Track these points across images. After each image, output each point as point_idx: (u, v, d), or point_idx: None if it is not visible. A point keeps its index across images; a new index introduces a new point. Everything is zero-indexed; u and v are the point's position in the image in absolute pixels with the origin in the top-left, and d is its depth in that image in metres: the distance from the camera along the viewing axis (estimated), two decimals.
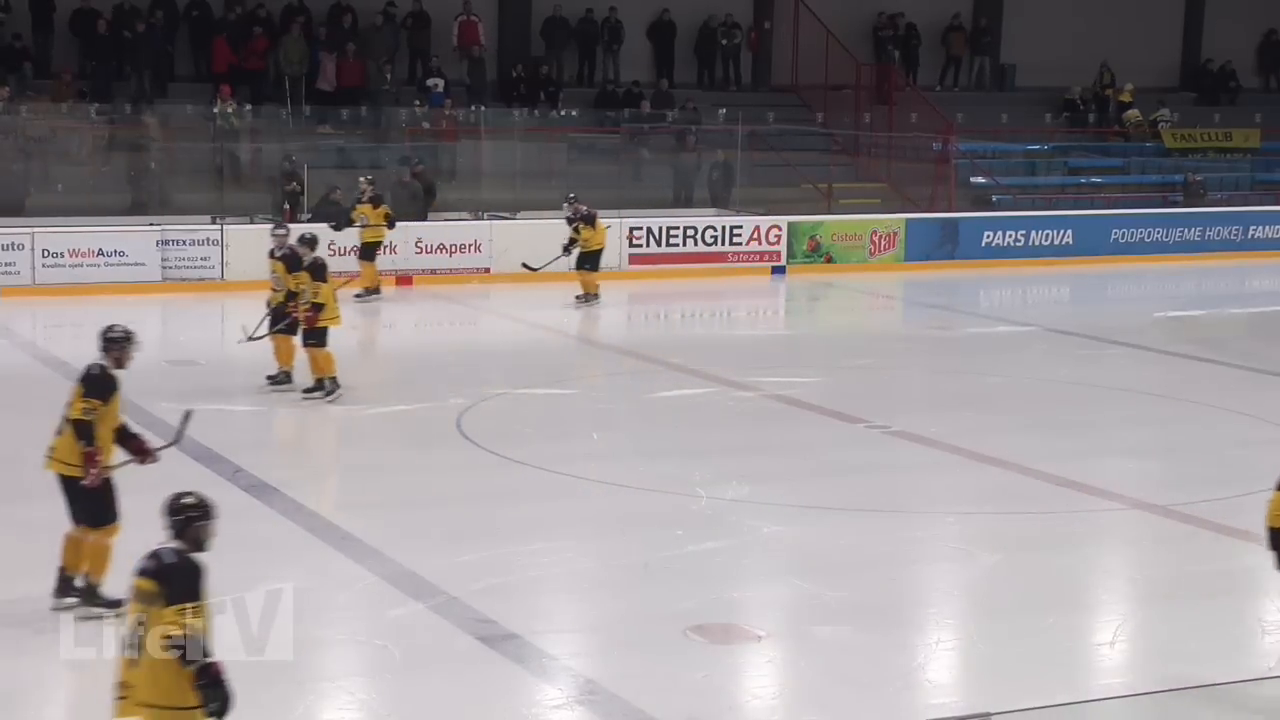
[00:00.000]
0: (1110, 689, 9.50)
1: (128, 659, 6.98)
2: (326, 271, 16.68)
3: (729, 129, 30.21)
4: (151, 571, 7.02)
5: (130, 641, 7.00)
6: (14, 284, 22.64)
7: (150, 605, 6.94)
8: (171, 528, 7.23)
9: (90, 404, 9.98)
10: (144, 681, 6.90)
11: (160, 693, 6.87)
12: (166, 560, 7.06)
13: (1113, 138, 36.02)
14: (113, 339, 10.31)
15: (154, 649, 6.86)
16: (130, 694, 6.96)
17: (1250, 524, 12.69)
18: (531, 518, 12.61)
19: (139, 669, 6.91)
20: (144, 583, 7.01)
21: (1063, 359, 20.45)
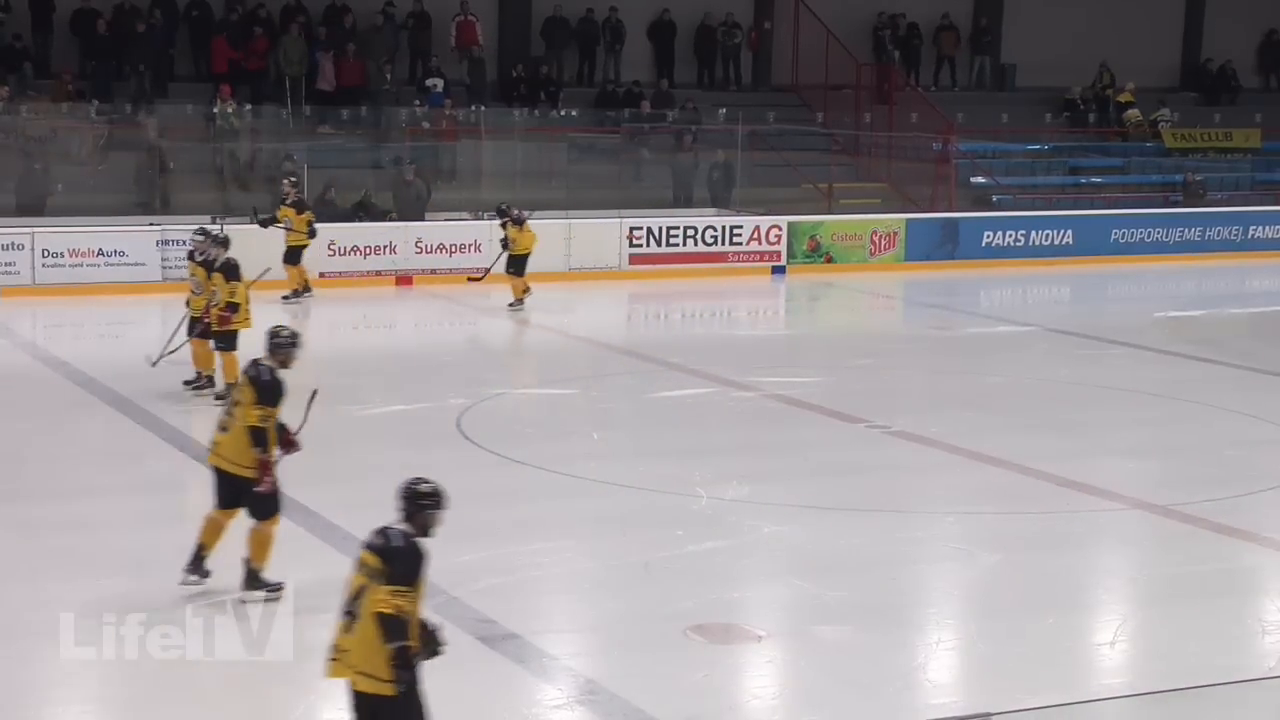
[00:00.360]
0: (1110, 689, 9.51)
1: (345, 624, 7.36)
2: (240, 271, 16.22)
3: (729, 129, 30.22)
4: (379, 548, 7.39)
5: (349, 608, 7.37)
6: (14, 284, 22.64)
7: (372, 579, 7.30)
8: (404, 510, 7.56)
9: (265, 411, 10.23)
10: (357, 647, 7.29)
11: (371, 661, 7.24)
12: (394, 542, 7.41)
13: (1113, 138, 36.02)
14: (279, 343, 10.53)
15: (369, 618, 7.24)
16: (343, 657, 7.37)
17: (1250, 524, 12.75)
18: (532, 518, 12.61)
19: (354, 636, 7.31)
20: (370, 557, 7.40)
21: (1063, 359, 20.45)
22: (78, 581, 10.66)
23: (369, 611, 7.24)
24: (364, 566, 7.41)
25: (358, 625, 7.31)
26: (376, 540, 7.44)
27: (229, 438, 10.39)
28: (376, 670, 7.24)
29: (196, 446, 14.34)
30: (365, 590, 7.33)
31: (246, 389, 10.36)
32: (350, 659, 7.33)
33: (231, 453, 10.36)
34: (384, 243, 24.84)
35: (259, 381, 10.31)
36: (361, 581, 7.38)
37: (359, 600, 7.35)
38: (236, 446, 10.33)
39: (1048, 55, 36.30)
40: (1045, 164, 34.75)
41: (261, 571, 10.43)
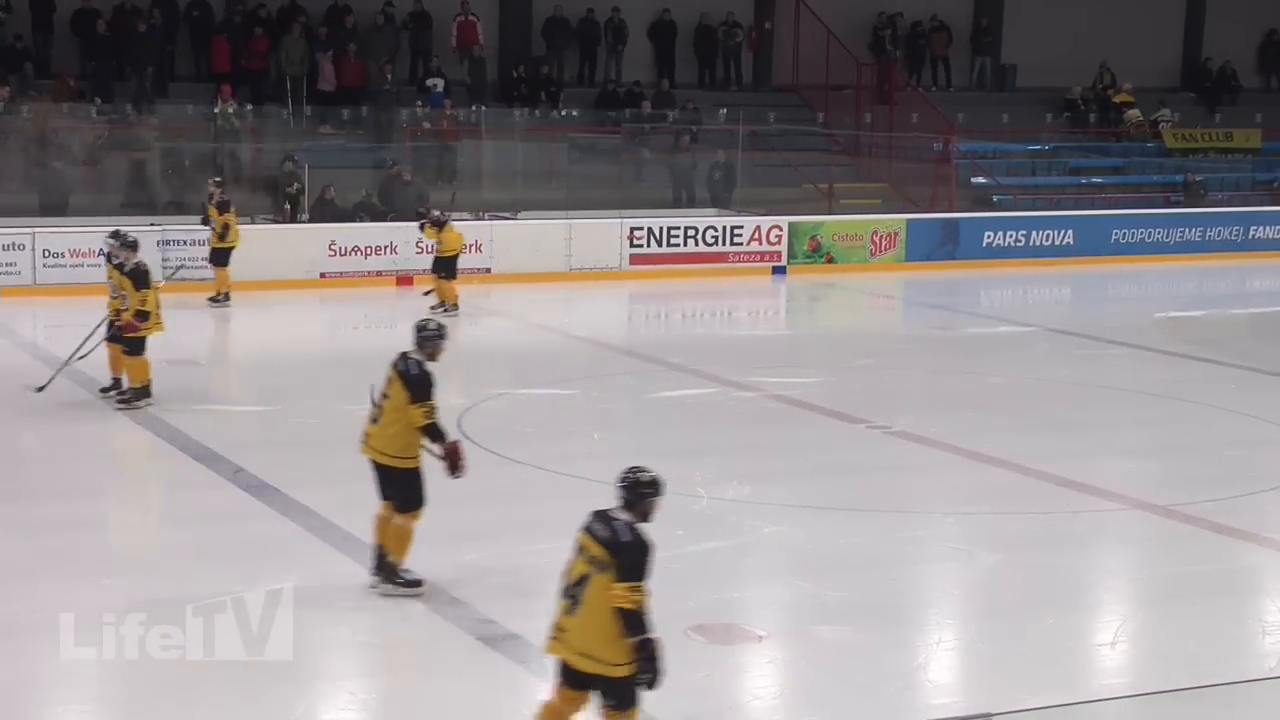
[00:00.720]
0: (1111, 689, 9.51)
1: (566, 606, 7.66)
2: (149, 278, 15.91)
3: (730, 129, 30.23)
4: (606, 540, 7.63)
5: (572, 592, 7.65)
6: (15, 284, 22.65)
7: (597, 568, 7.58)
8: (624, 499, 7.77)
9: (427, 407, 10.35)
10: (578, 630, 7.62)
11: (592, 644, 7.58)
12: (623, 536, 7.63)
13: (1113, 138, 36.02)
14: (426, 335, 10.66)
15: (594, 605, 7.53)
16: (563, 637, 7.69)
17: (1251, 524, 12.75)
18: (532, 518, 12.60)
19: (576, 619, 7.62)
20: (596, 547, 7.64)
21: (1063, 359, 20.45)
22: (78, 581, 10.67)
23: (605, 604, 7.51)
24: (586, 553, 7.67)
25: (580, 610, 7.59)
26: (602, 530, 7.70)
27: (379, 430, 10.52)
28: (600, 654, 7.57)
29: (197, 447, 14.38)
30: (589, 578, 7.59)
31: (397, 385, 10.46)
32: (570, 639, 7.65)
33: (381, 443, 10.50)
34: (384, 243, 24.84)
35: (408, 376, 10.44)
36: (584, 569, 7.63)
37: (581, 586, 7.61)
38: (386, 438, 10.45)
39: (1048, 55, 36.31)
40: (1046, 164, 34.77)
41: (400, 565, 10.58)
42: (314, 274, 24.35)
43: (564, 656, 7.71)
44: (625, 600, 7.50)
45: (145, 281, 15.82)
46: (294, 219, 25.63)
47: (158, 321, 15.96)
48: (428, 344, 10.63)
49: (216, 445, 14.40)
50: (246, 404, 16.93)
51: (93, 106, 27.47)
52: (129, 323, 15.75)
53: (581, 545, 7.73)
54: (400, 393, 10.39)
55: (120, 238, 16.27)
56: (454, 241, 22.46)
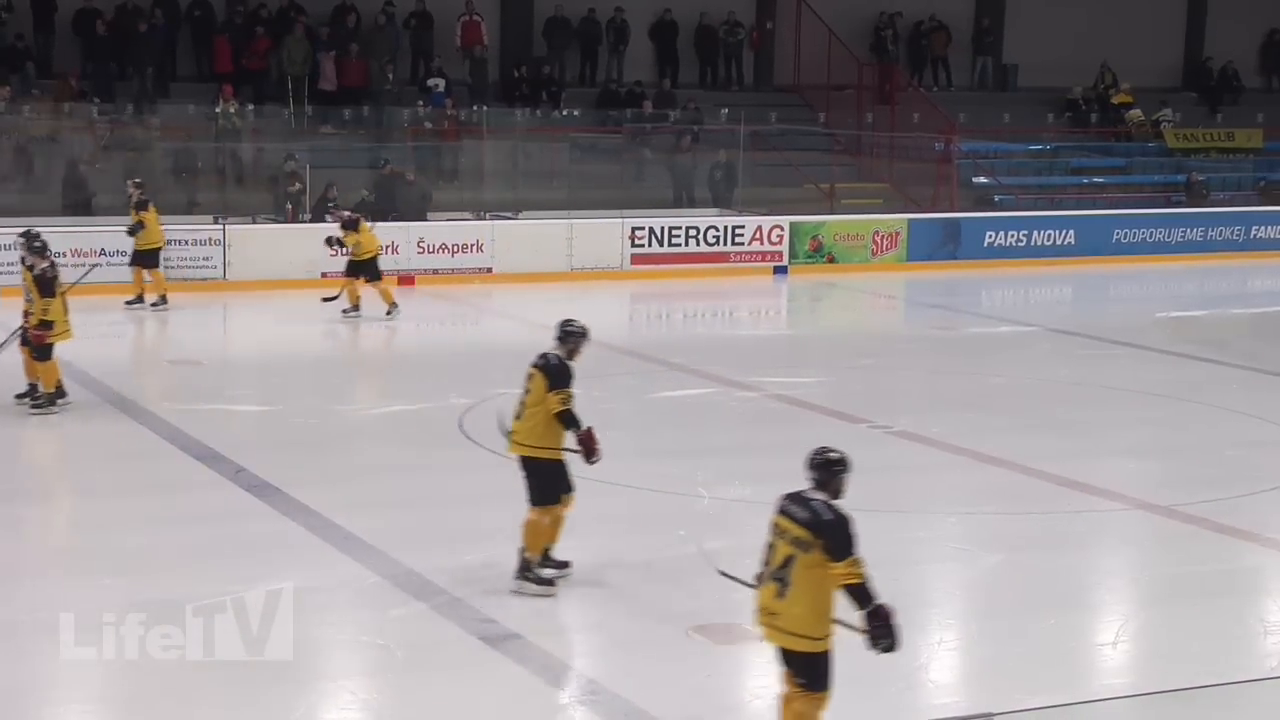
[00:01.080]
0: (1112, 689, 9.50)
1: (774, 589, 7.87)
2: (55, 285, 15.55)
3: (731, 129, 30.22)
4: (807, 521, 7.86)
5: (777, 575, 7.87)
6: (15, 284, 22.60)
7: (801, 549, 7.81)
8: (816, 478, 8.03)
9: (564, 394, 10.70)
10: (788, 612, 7.84)
11: (800, 623, 7.81)
12: (823, 515, 7.85)
13: (1115, 138, 36.00)
14: (570, 333, 11.05)
15: (802, 586, 7.77)
16: (772, 621, 7.93)
17: (1252, 524, 12.74)
18: None
19: (785, 601, 7.83)
20: (797, 528, 7.87)
21: (1065, 359, 20.44)
22: (78, 581, 10.67)
23: (813, 584, 7.76)
24: (787, 535, 7.91)
25: (789, 591, 7.80)
26: (800, 512, 7.92)
27: (524, 425, 10.83)
28: (811, 631, 7.82)
29: (198, 446, 14.37)
30: (794, 559, 7.82)
31: (537, 378, 10.79)
32: (780, 622, 7.87)
33: (524, 436, 10.83)
34: (386, 243, 24.77)
35: (548, 367, 10.80)
36: (788, 551, 7.85)
37: (788, 569, 7.83)
38: (528, 429, 10.79)
39: (1049, 55, 36.29)
40: (1047, 164, 34.75)
41: (534, 562, 10.84)
42: (315, 274, 24.32)
43: (778, 642, 7.96)
44: (850, 577, 7.74)
45: (50, 289, 15.48)
46: (295, 219, 25.62)
47: (65, 330, 15.66)
48: (569, 340, 11.01)
49: (218, 445, 14.40)
50: (248, 403, 16.91)
51: (94, 107, 27.45)
52: (34, 333, 15.48)
53: (780, 528, 7.97)
54: (540, 384, 10.74)
55: (30, 239, 15.90)
56: (370, 243, 21.87)
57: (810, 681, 7.93)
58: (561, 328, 11.07)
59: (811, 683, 7.93)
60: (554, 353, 10.94)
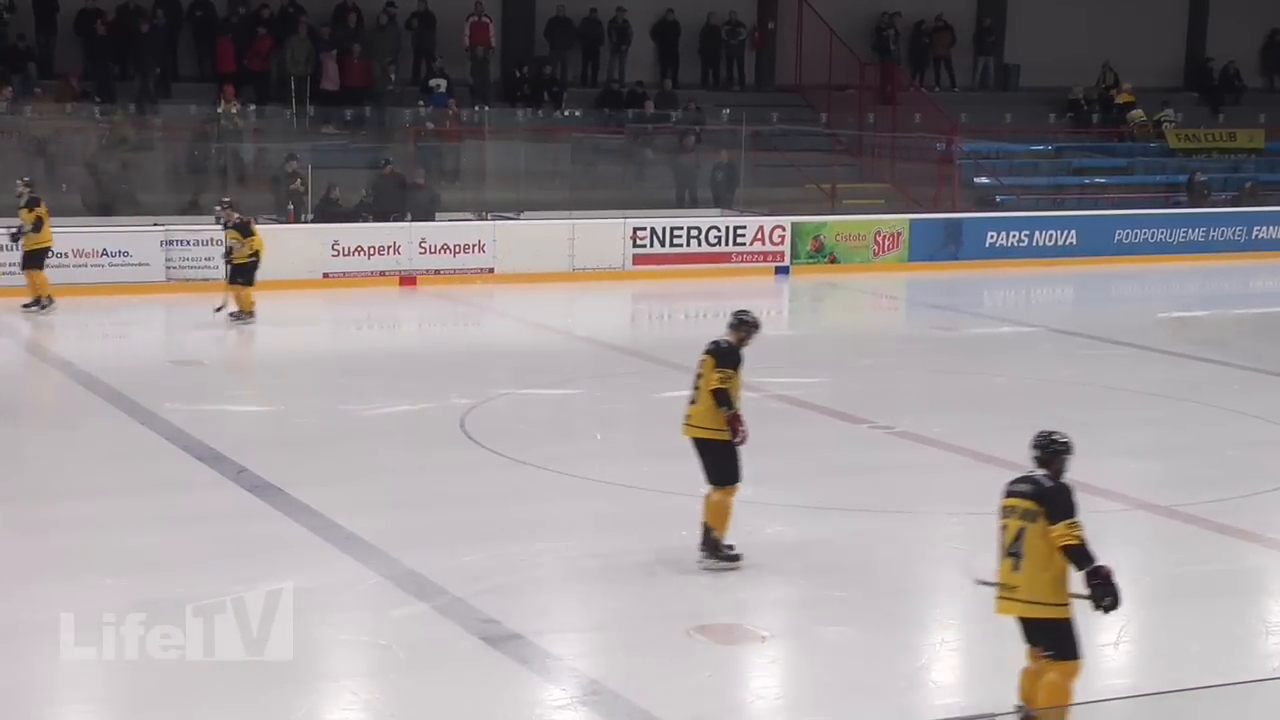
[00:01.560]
0: (1114, 689, 9.48)
1: (1010, 564, 8.38)
2: None
3: (733, 129, 30.23)
4: (1031, 493, 8.41)
5: (1013, 550, 8.38)
6: (18, 284, 22.62)
7: (1029, 520, 8.34)
8: (1040, 458, 8.55)
9: (724, 373, 11.15)
10: (1025, 583, 8.33)
11: (1038, 591, 8.31)
12: (1045, 485, 8.41)
13: (1116, 138, 35.99)
14: (743, 322, 11.48)
15: (1034, 555, 8.29)
16: (1013, 594, 8.41)
17: (1254, 524, 12.73)
18: (535, 518, 12.61)
19: (1020, 574, 8.34)
20: (1023, 503, 8.41)
21: (1066, 359, 20.43)
22: (78, 581, 10.66)
23: (1043, 551, 8.26)
24: (1015, 512, 8.42)
25: (1024, 563, 8.31)
26: (1025, 487, 8.46)
27: (697, 409, 11.28)
28: (1048, 598, 8.30)
29: (200, 447, 14.38)
30: (1024, 532, 8.33)
31: (708, 362, 11.27)
32: (1020, 594, 8.36)
33: (699, 419, 11.25)
34: (388, 243, 24.85)
35: (718, 351, 11.27)
36: (1018, 525, 8.36)
37: (1020, 542, 8.34)
38: (702, 413, 11.22)
39: (1051, 55, 36.29)
40: (1049, 164, 34.73)
41: (721, 539, 11.25)
42: (317, 274, 24.35)
43: (1017, 613, 8.42)
44: (1066, 537, 8.22)
45: None
46: (297, 219, 25.63)
47: None
48: (741, 329, 11.45)
49: (219, 445, 14.40)
50: (250, 404, 16.93)
51: (96, 107, 27.45)
52: None
53: (1008, 508, 8.48)
54: (710, 366, 11.21)
55: None
56: (260, 243, 21.35)
57: (1058, 650, 8.34)
58: (736, 316, 11.50)
59: (1060, 651, 8.34)
60: (725, 339, 11.37)
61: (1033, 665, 8.53)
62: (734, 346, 11.37)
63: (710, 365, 11.25)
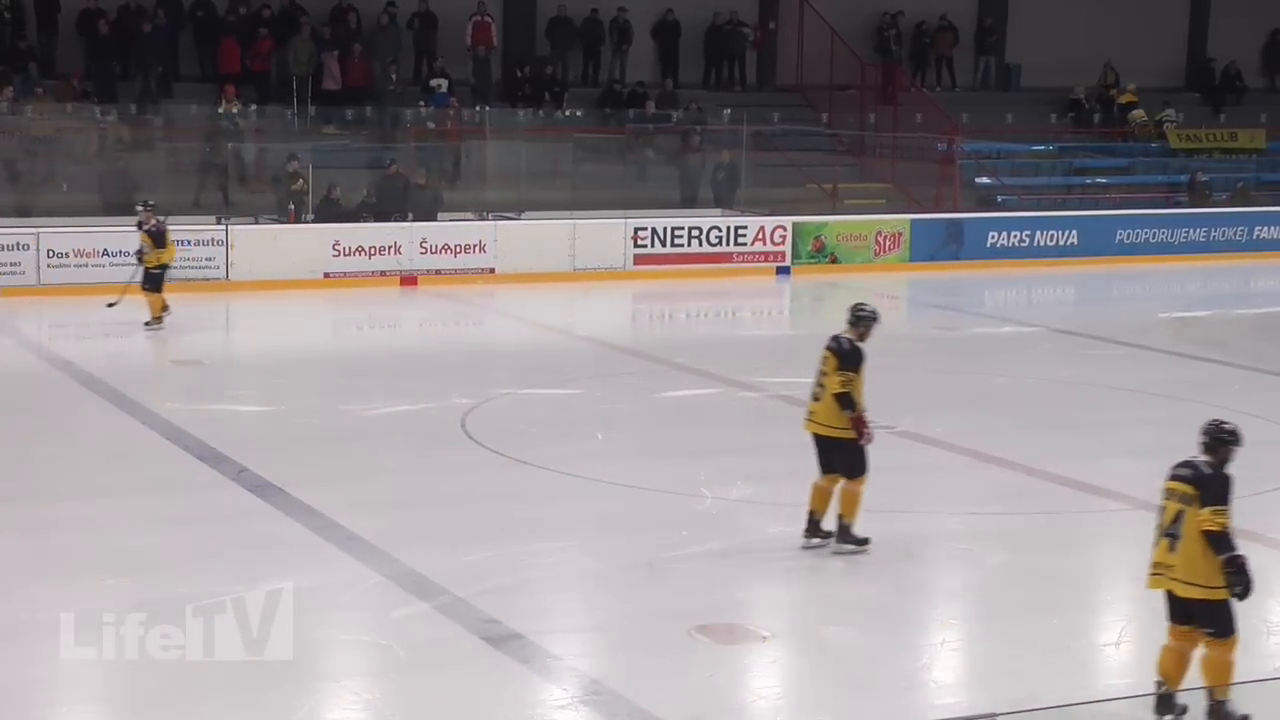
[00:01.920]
0: (1115, 689, 9.49)
1: (1166, 544, 8.83)
2: None
3: (734, 129, 30.22)
4: (1190, 478, 8.90)
5: (1170, 531, 8.81)
6: (19, 284, 22.64)
7: (1187, 504, 8.78)
8: (1206, 444, 9.10)
9: (846, 376, 11.41)
10: (1182, 563, 8.75)
11: (1194, 573, 8.71)
12: (1204, 471, 8.91)
13: (1117, 138, 35.98)
14: (862, 317, 11.70)
15: (1191, 537, 8.69)
16: (1166, 572, 8.84)
17: (1255, 524, 12.70)
18: (536, 518, 12.61)
19: (1178, 554, 8.77)
20: (1183, 487, 8.88)
21: (1068, 359, 20.43)
22: (78, 581, 10.66)
23: (1194, 530, 8.69)
24: (1175, 495, 8.88)
25: (1180, 544, 8.74)
26: (1186, 472, 8.95)
27: (821, 406, 11.52)
28: (1203, 580, 8.68)
29: (201, 446, 14.37)
30: (1183, 515, 8.76)
31: (830, 359, 11.49)
32: (1175, 573, 8.79)
33: (825, 417, 11.51)
34: (389, 243, 24.83)
35: (840, 351, 11.48)
36: (1177, 508, 8.82)
37: (1178, 524, 8.76)
38: (827, 411, 11.46)
39: (1052, 55, 36.28)
40: (1050, 164, 34.70)
41: (852, 526, 11.54)
42: (318, 274, 24.35)
43: (1169, 588, 8.84)
44: (1210, 523, 8.65)
45: None
46: (298, 219, 25.63)
47: None
48: (860, 324, 11.65)
49: (220, 445, 14.39)
50: (251, 404, 16.92)
51: (97, 107, 27.44)
52: None
53: (1170, 490, 8.94)
54: (833, 365, 11.45)
55: None
56: (171, 254, 20.71)
57: (1217, 629, 8.77)
58: (854, 312, 11.69)
59: (1219, 630, 8.77)
60: (846, 336, 11.58)
61: (1175, 643, 8.89)
62: (856, 346, 11.54)
63: (833, 366, 11.43)
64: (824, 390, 11.53)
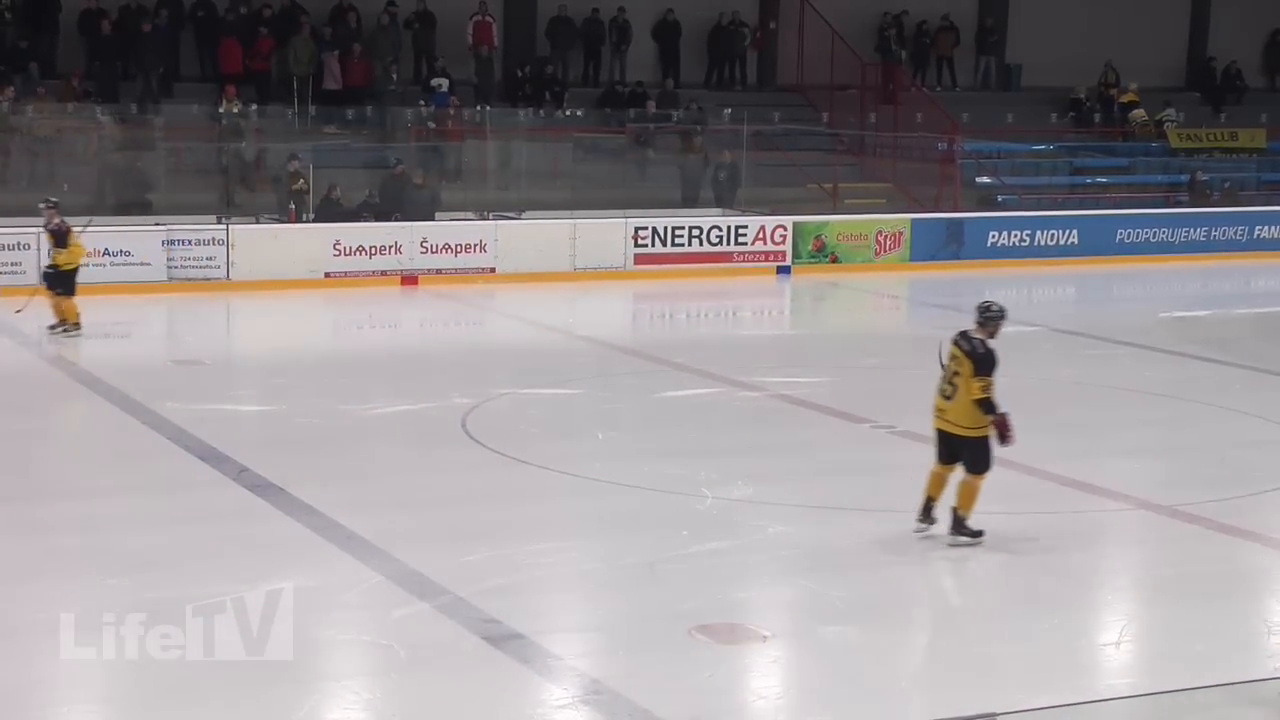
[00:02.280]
0: (1115, 689, 9.48)
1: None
2: None
3: (734, 129, 30.22)
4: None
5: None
6: (20, 284, 22.62)
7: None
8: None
9: (986, 382, 11.61)
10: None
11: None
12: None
13: (1118, 138, 35.98)
14: (991, 316, 11.92)
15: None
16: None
17: (1256, 524, 12.72)
18: (537, 518, 12.60)
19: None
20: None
21: (1068, 359, 20.42)
22: (79, 581, 10.66)
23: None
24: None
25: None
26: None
27: (953, 405, 11.75)
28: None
29: (202, 446, 14.37)
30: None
31: (963, 361, 11.66)
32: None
33: (955, 416, 11.73)
34: (389, 243, 24.84)
35: (974, 354, 11.65)
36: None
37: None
38: (959, 411, 11.69)
39: (1053, 55, 36.30)
40: (1050, 164, 34.71)
41: (966, 519, 11.83)
42: (318, 274, 24.35)
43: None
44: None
45: None
46: (299, 219, 25.63)
47: None
48: (990, 323, 11.86)
49: (221, 444, 14.39)
50: (251, 403, 16.92)
51: (98, 107, 27.45)
52: None
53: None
54: (967, 368, 11.62)
55: None
56: (77, 255, 20.16)
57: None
58: (982, 312, 11.89)
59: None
60: (976, 336, 11.77)
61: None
62: (990, 348, 11.69)
63: (969, 370, 11.59)
64: (954, 389, 11.69)
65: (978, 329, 11.81)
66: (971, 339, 11.73)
